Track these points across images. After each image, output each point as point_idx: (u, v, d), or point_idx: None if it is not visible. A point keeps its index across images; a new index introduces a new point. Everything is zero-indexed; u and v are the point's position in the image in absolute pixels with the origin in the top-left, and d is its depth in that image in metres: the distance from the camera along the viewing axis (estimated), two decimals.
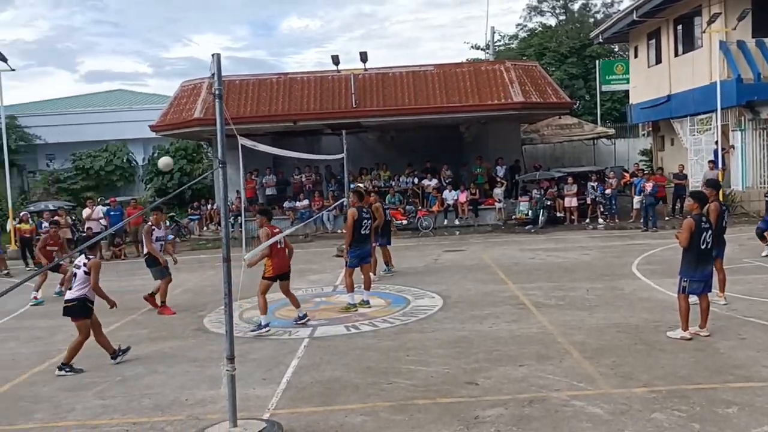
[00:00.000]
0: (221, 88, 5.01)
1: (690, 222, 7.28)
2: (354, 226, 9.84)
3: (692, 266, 7.32)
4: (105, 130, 32.29)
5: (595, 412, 5.39)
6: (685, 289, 7.35)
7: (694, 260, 7.30)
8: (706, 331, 7.44)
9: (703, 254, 7.33)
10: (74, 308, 7.35)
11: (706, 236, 7.26)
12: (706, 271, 7.42)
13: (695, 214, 7.38)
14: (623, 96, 31.14)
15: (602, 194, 20.36)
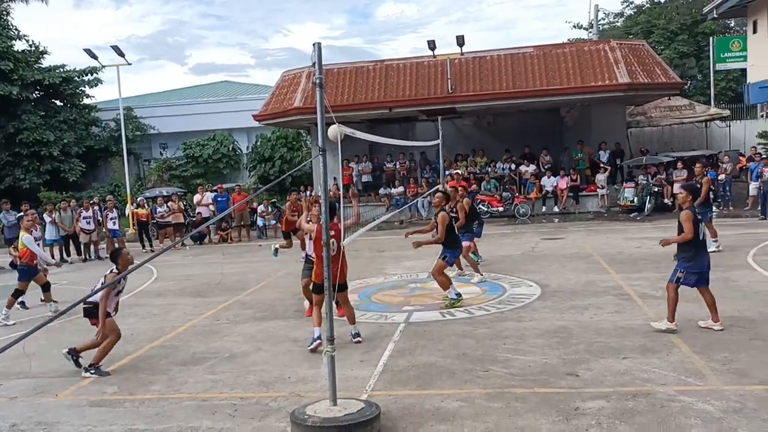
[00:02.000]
0: (322, 77, 5.13)
1: (689, 213, 7.28)
2: (447, 229, 9.36)
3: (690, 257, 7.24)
4: (212, 120, 33.88)
5: (705, 408, 5.12)
6: (679, 280, 7.23)
7: (693, 251, 7.20)
8: (719, 325, 7.17)
9: (702, 245, 7.27)
10: (92, 310, 7.10)
11: (702, 227, 7.30)
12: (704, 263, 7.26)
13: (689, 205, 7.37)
14: (740, 75, 28.96)
15: (714, 180, 19.09)
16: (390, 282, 11.35)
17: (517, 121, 23.09)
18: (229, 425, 5.43)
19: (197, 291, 11.70)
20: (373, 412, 5.07)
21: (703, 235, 7.31)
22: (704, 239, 7.36)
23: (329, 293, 5.45)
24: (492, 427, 5.05)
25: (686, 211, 7.33)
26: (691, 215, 7.25)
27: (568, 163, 21.57)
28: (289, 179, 25.59)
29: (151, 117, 34.22)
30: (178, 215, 19.69)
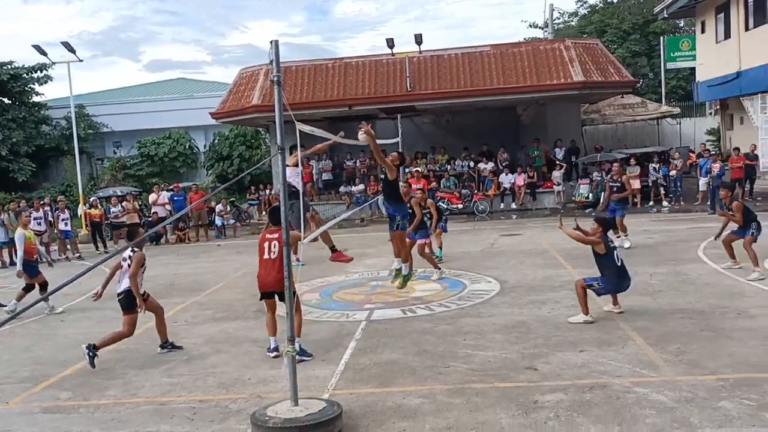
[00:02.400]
0: (280, 74, 5.08)
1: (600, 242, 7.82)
2: None
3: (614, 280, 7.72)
4: (168, 118, 33.24)
5: (659, 399, 5.27)
6: (591, 286, 7.70)
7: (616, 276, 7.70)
8: (618, 308, 7.91)
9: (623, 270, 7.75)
10: (124, 300, 7.28)
11: (618, 253, 7.84)
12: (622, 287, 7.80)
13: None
14: (689, 73, 29.88)
15: (665, 176, 19.67)
16: (351, 280, 11.33)
17: (475, 119, 23.33)
18: (188, 429, 5.34)
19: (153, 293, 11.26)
20: (334, 411, 5.05)
21: (622, 263, 7.73)
22: (623, 265, 7.75)
23: (289, 293, 5.40)
24: (453, 422, 5.09)
25: (599, 242, 7.75)
26: (602, 243, 7.74)
27: (525, 160, 21.91)
28: (248, 178, 25.31)
29: (105, 115, 33.38)
30: (133, 215, 19.24)
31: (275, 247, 6.76)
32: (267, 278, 6.82)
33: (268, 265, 6.82)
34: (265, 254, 6.85)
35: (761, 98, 20.76)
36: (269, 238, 6.87)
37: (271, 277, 6.76)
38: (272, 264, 6.78)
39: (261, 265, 6.91)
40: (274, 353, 6.93)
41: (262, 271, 6.90)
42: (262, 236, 6.97)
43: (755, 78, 21.02)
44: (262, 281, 6.91)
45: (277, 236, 6.72)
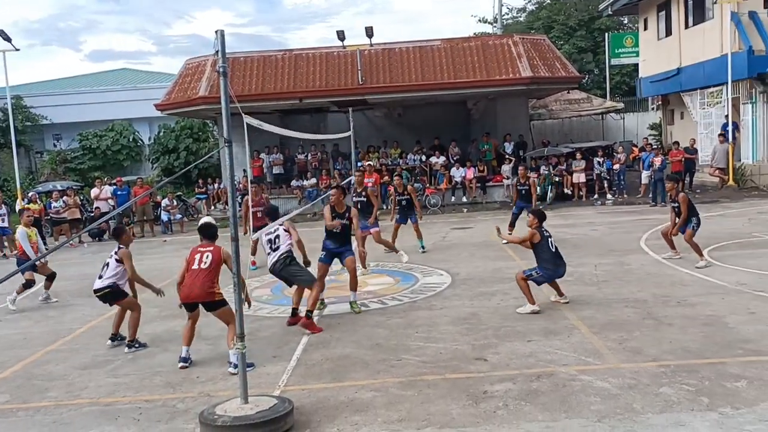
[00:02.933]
0: (226, 65, 4.97)
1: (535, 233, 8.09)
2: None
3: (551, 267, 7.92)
4: (110, 110, 32.26)
5: (603, 386, 5.41)
6: (531, 276, 7.90)
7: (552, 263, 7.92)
8: (565, 299, 8.12)
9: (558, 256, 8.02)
10: (107, 295, 7.42)
11: (552, 239, 8.03)
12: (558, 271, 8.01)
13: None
14: (632, 69, 30.77)
15: (609, 170, 20.23)
16: None
17: (427, 113, 23.45)
18: (134, 430, 5.20)
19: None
20: (286, 407, 5.00)
21: (556, 248, 7.96)
22: (557, 251, 7.98)
23: (238, 288, 5.31)
24: (405, 414, 5.11)
25: (535, 235, 7.99)
26: (538, 237, 7.96)
27: (476, 154, 22.17)
28: (195, 171, 24.82)
29: (44, 106, 32.16)
30: (74, 210, 18.62)
31: (208, 258, 6.53)
32: (192, 288, 6.52)
33: (195, 274, 6.52)
34: (194, 264, 6.54)
35: (700, 94, 21.58)
36: (202, 251, 6.62)
37: (196, 288, 6.50)
38: (199, 274, 6.51)
39: (187, 276, 6.56)
40: (182, 363, 6.57)
41: (188, 281, 6.55)
42: (193, 251, 6.65)
43: (694, 74, 21.83)
44: (186, 292, 6.56)
45: (211, 249, 6.60)
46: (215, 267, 6.54)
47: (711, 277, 8.94)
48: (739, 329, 6.69)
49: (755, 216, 14.47)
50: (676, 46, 23.09)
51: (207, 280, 6.51)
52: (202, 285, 6.49)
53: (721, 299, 7.84)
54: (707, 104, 21.35)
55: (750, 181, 19.47)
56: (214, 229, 6.92)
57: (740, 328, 6.71)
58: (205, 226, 6.96)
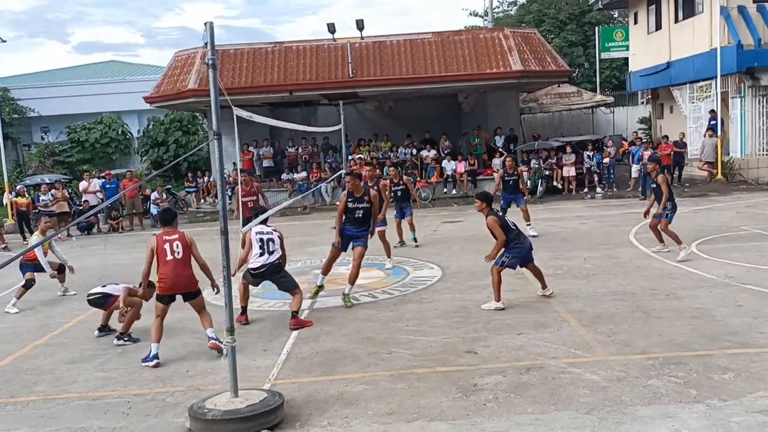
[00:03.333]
0: (215, 57, 4.92)
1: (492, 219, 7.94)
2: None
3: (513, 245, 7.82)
4: (99, 102, 31.97)
5: (592, 378, 5.44)
6: (504, 263, 7.82)
7: (514, 240, 7.81)
8: (549, 291, 8.09)
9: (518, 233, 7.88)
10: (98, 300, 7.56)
11: (511, 219, 8.13)
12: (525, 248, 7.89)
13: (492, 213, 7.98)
14: (622, 63, 30.85)
15: (599, 163, 20.31)
16: (293, 269, 11.18)
17: (418, 106, 23.42)
18: (123, 424, 5.18)
19: (85, 284, 10.97)
20: (276, 401, 4.99)
21: (514, 225, 7.94)
22: (517, 228, 7.93)
23: (228, 281, 5.29)
24: (395, 407, 5.12)
25: (489, 218, 7.82)
26: (495, 220, 7.79)
27: (466, 147, 22.17)
28: (184, 164, 24.70)
29: (31, 99, 31.83)
30: (63, 204, 18.47)
31: (178, 247, 6.57)
32: (178, 279, 6.53)
33: (174, 265, 6.52)
34: (168, 255, 6.51)
35: (689, 88, 21.68)
36: (168, 239, 6.58)
37: (182, 279, 6.55)
38: (178, 264, 6.53)
39: (165, 267, 6.51)
40: (153, 361, 6.46)
41: (168, 273, 6.50)
42: (159, 240, 6.55)
43: (684, 68, 21.92)
44: (170, 284, 6.53)
45: (177, 236, 6.64)
46: (187, 254, 6.64)
47: (699, 271, 9.01)
48: (726, 322, 6.75)
49: (743, 210, 14.58)
50: (666, 40, 23.17)
51: (188, 269, 6.62)
52: (187, 276, 6.60)
53: (708, 292, 7.90)
54: (696, 98, 21.47)
55: (738, 174, 19.61)
56: (173, 213, 7.07)
57: (728, 321, 6.77)
58: (165, 211, 7.24)
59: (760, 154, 19.70)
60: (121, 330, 7.40)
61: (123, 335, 7.38)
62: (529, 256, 7.97)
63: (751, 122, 19.70)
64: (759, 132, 19.68)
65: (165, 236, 6.64)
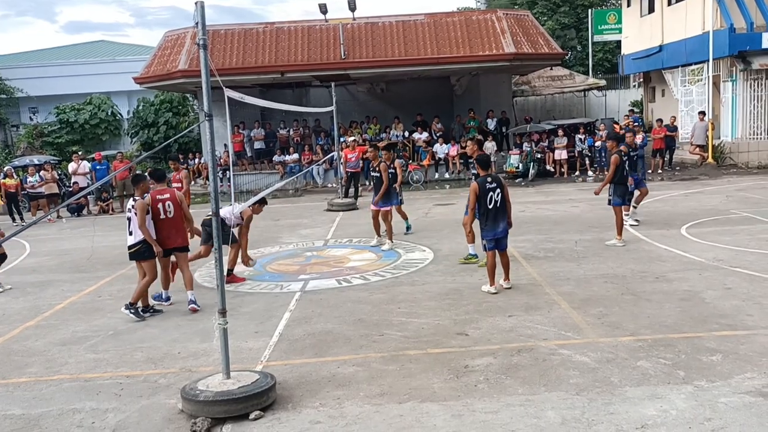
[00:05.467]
0: (206, 38, 4.86)
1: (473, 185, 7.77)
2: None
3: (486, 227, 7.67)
4: (88, 83, 31.63)
5: (582, 360, 5.50)
6: (485, 247, 7.75)
7: (485, 221, 7.65)
8: (508, 284, 7.88)
9: (492, 213, 7.62)
10: (138, 252, 7.54)
11: (494, 196, 7.58)
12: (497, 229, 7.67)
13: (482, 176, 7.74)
14: (615, 46, 30.80)
15: (590, 147, 20.33)
16: (286, 251, 11.22)
17: (410, 88, 23.33)
18: (115, 405, 5.19)
19: (76, 266, 11.00)
20: (268, 382, 5.01)
21: (492, 203, 7.57)
22: (494, 207, 7.58)
23: (219, 263, 5.27)
24: (387, 389, 5.16)
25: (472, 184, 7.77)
26: (474, 186, 7.69)
27: (459, 130, 22.12)
28: (175, 146, 24.53)
29: (19, 79, 31.43)
30: (52, 185, 18.33)
31: (170, 207, 7.46)
32: (174, 238, 7.55)
33: (169, 224, 7.50)
34: (161, 215, 7.43)
35: (681, 71, 21.68)
36: (161, 198, 7.43)
37: (179, 237, 7.59)
38: (173, 223, 7.52)
39: (161, 225, 7.45)
40: (168, 302, 7.86)
41: (165, 232, 7.47)
42: (153, 197, 7.40)
43: (676, 51, 21.90)
44: (167, 242, 7.49)
45: (168, 196, 7.51)
46: (179, 211, 7.57)
47: (688, 254, 9.08)
48: (715, 304, 6.82)
49: (733, 193, 14.66)
50: (659, 23, 23.11)
51: (182, 224, 7.65)
52: (182, 232, 7.65)
53: (698, 275, 7.97)
54: (688, 82, 21.48)
55: (729, 158, 19.70)
56: (163, 172, 8.03)
57: (716, 303, 6.84)
58: (157, 169, 8.12)
59: (750, 138, 19.77)
60: (131, 299, 7.52)
61: (132, 305, 7.49)
62: (502, 242, 7.74)
63: (742, 106, 19.74)
64: (750, 116, 19.74)
65: (158, 195, 7.47)
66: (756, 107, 19.68)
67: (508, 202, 7.68)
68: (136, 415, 5.00)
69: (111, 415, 5.01)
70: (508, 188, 7.70)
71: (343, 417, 4.73)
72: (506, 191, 7.64)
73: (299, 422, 4.71)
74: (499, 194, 7.60)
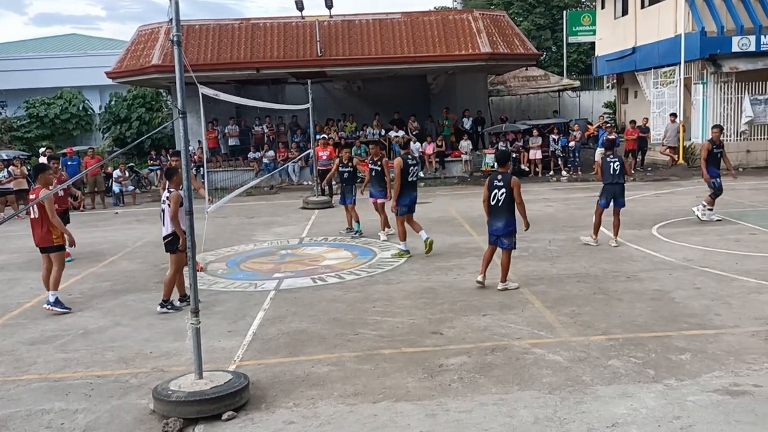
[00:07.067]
0: (180, 33, 4.80)
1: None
2: (402, 175, 9.72)
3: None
4: (59, 77, 31.04)
5: (555, 359, 5.55)
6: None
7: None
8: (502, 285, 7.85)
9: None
10: (170, 243, 7.47)
11: (497, 193, 7.69)
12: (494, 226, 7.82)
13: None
14: (589, 48, 31.15)
15: (564, 147, 20.55)
16: (260, 249, 11.14)
17: (387, 86, 23.32)
18: (85, 405, 5.10)
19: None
20: (241, 382, 4.97)
21: (495, 201, 7.70)
22: (496, 205, 7.70)
23: (193, 261, 5.21)
24: (361, 388, 5.15)
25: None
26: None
27: (435, 129, 22.19)
28: (148, 142, 24.21)
29: None
30: (21, 181, 17.90)
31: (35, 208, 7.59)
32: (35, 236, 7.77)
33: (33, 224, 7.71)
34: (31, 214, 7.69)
35: (653, 73, 22.02)
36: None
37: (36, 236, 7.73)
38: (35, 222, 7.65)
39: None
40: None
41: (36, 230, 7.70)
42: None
43: (649, 54, 22.23)
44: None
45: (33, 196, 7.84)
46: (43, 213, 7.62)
47: (659, 253, 9.23)
48: (684, 304, 6.94)
49: (703, 194, 14.91)
50: (632, 25, 23.43)
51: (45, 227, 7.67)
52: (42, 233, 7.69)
53: (668, 275, 8.11)
54: (660, 84, 21.82)
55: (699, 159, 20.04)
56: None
57: (686, 303, 6.96)
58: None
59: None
60: (163, 297, 7.52)
61: (166, 303, 7.51)
62: (501, 241, 7.78)
63: (713, 108, 20.12)
64: (720, 118, 20.09)
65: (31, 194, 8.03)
66: (726, 109, 20.07)
67: (518, 203, 7.71)
68: (107, 415, 4.93)
69: (81, 416, 4.93)
70: (519, 189, 7.67)
71: (316, 417, 4.72)
72: (515, 192, 7.64)
73: (272, 422, 4.68)
74: (503, 194, 7.67)
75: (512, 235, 7.77)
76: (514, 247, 7.86)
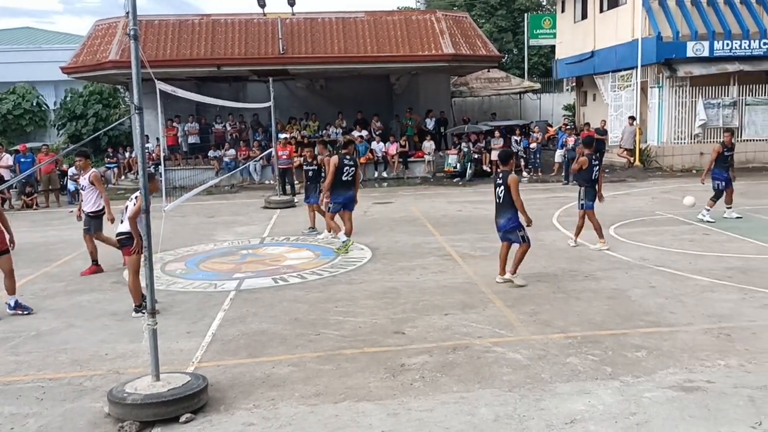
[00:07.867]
0: (137, 28, 4.69)
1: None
2: (336, 172, 9.95)
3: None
4: (12, 71, 30.09)
5: (515, 357, 5.61)
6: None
7: None
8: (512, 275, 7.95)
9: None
10: (124, 240, 7.31)
11: (498, 191, 7.96)
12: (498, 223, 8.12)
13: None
14: (550, 51, 31.65)
15: (526, 148, 20.82)
16: (220, 249, 10.98)
17: (350, 86, 23.26)
18: (36, 410, 4.93)
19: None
20: (199, 384, 4.87)
21: (496, 198, 8.01)
22: (497, 202, 8.02)
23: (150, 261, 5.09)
24: (323, 389, 5.11)
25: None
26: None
27: (398, 129, 22.23)
28: (105, 139, 23.65)
29: None
30: None
31: None
32: None
33: None
34: None
35: (611, 77, 22.50)
36: None
37: None
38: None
39: None
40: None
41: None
42: None
43: (607, 57, 22.71)
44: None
45: None
46: None
47: (616, 253, 9.42)
48: (640, 302, 7.09)
49: (658, 195, 15.34)
50: (591, 29, 23.91)
51: None
52: None
53: (624, 274, 8.28)
54: (618, 87, 22.32)
55: (654, 162, 20.58)
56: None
57: (641, 301, 7.12)
58: None
59: (675, 142, 20.73)
60: (135, 302, 7.17)
61: (140, 307, 6.99)
62: (507, 236, 7.99)
63: (668, 112, 20.68)
64: (675, 121, 20.70)
65: None
66: (680, 113, 20.65)
67: (515, 200, 7.80)
68: (59, 419, 4.78)
69: (32, 421, 4.77)
70: (516, 186, 7.79)
71: (277, 418, 4.66)
72: (512, 189, 7.75)
73: (232, 424, 4.61)
74: (502, 191, 7.86)
75: (516, 230, 7.91)
76: (526, 241, 7.92)
